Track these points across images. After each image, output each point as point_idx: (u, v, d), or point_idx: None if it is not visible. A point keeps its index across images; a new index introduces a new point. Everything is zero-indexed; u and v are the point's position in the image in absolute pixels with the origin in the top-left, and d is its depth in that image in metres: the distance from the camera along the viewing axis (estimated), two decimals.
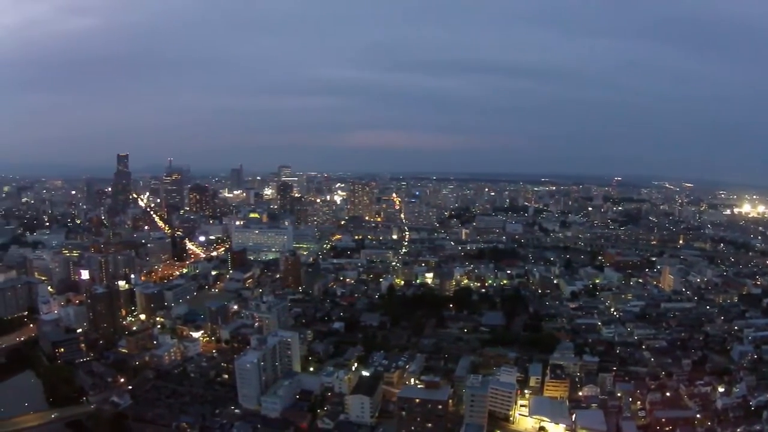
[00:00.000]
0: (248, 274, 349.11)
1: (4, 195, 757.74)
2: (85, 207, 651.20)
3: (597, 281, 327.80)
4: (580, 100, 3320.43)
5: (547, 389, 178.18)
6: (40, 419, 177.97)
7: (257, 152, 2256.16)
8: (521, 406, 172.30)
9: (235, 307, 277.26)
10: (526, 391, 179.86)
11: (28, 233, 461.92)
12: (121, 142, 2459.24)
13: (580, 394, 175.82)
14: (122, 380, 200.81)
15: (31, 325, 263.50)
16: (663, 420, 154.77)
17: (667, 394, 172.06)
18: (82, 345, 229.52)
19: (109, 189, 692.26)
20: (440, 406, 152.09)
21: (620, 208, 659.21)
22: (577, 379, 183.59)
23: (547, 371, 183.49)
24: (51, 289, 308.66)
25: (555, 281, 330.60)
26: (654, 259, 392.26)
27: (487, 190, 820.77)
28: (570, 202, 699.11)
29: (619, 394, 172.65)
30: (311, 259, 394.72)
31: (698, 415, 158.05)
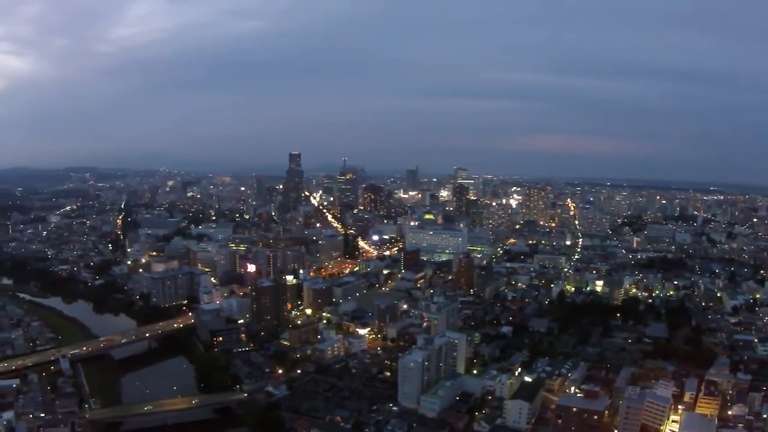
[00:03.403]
0: (420, 275, 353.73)
1: (168, 189, 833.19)
2: (254, 203, 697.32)
3: (757, 296, 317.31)
4: (739, 104, 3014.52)
5: (699, 406, 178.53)
6: (189, 403, 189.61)
7: (432, 154, 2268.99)
8: (673, 421, 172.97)
9: (405, 306, 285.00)
10: (679, 407, 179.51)
11: (192, 226, 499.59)
12: (294, 142, 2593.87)
13: (729, 412, 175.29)
14: (280, 371, 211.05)
15: (189, 314, 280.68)
16: None
17: None
18: (243, 335, 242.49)
19: (280, 186, 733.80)
20: (596, 417, 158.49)
21: None
22: (728, 397, 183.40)
23: (702, 387, 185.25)
24: (214, 281, 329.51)
25: (718, 294, 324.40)
26: None
27: (658, 198, 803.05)
28: (736, 213, 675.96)
29: (765, 416, 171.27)
30: (484, 262, 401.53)
31: None
